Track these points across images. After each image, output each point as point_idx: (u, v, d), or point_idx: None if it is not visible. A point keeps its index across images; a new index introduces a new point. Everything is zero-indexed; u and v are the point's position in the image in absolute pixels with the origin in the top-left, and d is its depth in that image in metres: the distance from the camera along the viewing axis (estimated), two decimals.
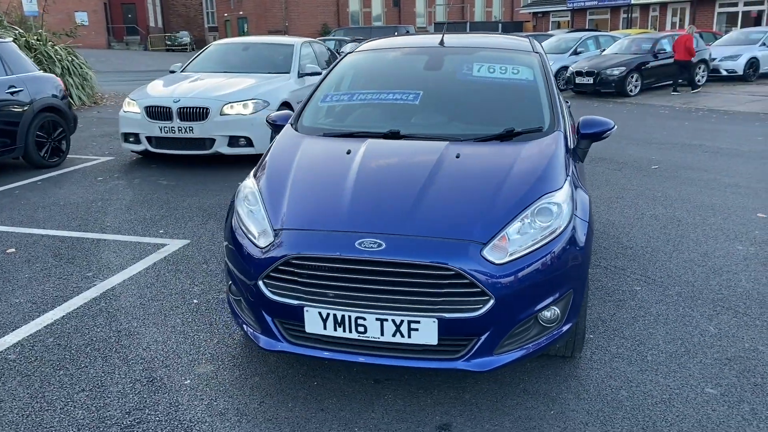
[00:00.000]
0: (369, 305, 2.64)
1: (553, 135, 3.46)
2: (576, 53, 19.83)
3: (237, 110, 7.62)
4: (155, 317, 3.79)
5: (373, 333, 2.66)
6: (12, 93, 7.34)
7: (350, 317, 2.66)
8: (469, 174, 3.12)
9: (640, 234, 5.29)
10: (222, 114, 7.53)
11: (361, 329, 2.66)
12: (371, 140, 3.46)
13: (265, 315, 2.83)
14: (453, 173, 3.10)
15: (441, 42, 4.36)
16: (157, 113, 7.62)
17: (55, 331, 3.62)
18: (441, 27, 38.25)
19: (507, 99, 3.89)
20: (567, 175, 3.12)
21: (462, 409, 2.86)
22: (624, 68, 16.38)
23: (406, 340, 2.65)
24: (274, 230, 2.85)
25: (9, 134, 7.29)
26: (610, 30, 30.94)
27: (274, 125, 4.06)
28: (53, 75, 8.88)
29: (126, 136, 7.98)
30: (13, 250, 4.98)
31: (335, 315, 2.67)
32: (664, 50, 17.20)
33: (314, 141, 3.61)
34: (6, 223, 5.68)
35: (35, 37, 13.71)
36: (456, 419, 2.80)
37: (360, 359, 2.75)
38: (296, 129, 3.79)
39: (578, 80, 16.85)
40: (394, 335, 2.65)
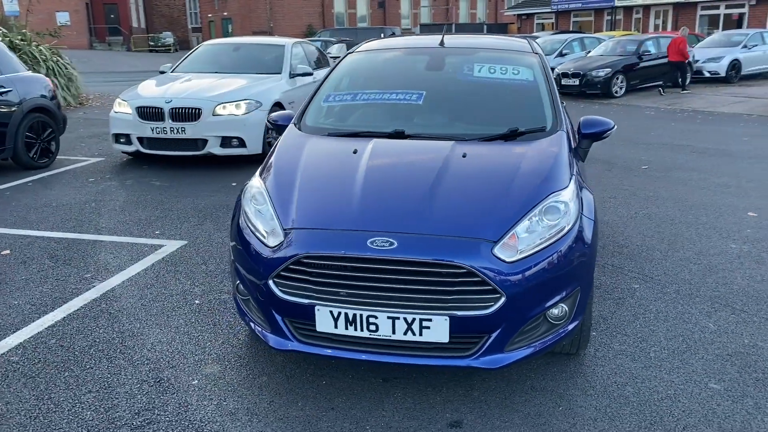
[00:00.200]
0: (381, 303, 2.65)
1: (557, 134, 3.50)
2: (562, 55, 20.05)
3: (230, 111, 7.58)
4: (158, 318, 3.77)
5: (385, 331, 2.67)
6: (1, 93, 7.25)
7: (362, 316, 2.67)
8: (477, 173, 3.14)
9: (635, 233, 5.35)
10: (214, 114, 7.50)
11: (373, 328, 2.67)
12: (377, 140, 3.47)
13: (275, 314, 2.83)
14: (460, 172, 3.12)
15: (441, 42, 4.38)
16: (149, 114, 7.56)
17: (57, 333, 3.59)
18: (427, 28, 38.34)
19: (509, 99, 3.93)
20: (572, 174, 3.16)
21: (472, 407, 2.88)
22: (609, 69, 16.55)
23: (418, 338, 2.67)
24: (284, 230, 2.85)
25: None
26: (594, 32, 31.22)
27: (276, 125, 4.06)
28: (42, 75, 8.78)
29: (117, 137, 7.91)
30: (8, 252, 4.91)
31: (347, 314, 2.68)
32: (649, 52, 17.43)
33: (319, 141, 3.61)
34: None
35: (19, 37, 13.54)
36: (466, 416, 2.82)
37: (372, 358, 2.75)
38: (300, 129, 3.79)
39: (564, 81, 16.97)
40: (406, 333, 2.66)
